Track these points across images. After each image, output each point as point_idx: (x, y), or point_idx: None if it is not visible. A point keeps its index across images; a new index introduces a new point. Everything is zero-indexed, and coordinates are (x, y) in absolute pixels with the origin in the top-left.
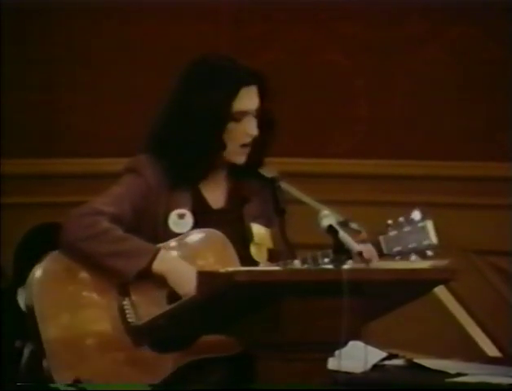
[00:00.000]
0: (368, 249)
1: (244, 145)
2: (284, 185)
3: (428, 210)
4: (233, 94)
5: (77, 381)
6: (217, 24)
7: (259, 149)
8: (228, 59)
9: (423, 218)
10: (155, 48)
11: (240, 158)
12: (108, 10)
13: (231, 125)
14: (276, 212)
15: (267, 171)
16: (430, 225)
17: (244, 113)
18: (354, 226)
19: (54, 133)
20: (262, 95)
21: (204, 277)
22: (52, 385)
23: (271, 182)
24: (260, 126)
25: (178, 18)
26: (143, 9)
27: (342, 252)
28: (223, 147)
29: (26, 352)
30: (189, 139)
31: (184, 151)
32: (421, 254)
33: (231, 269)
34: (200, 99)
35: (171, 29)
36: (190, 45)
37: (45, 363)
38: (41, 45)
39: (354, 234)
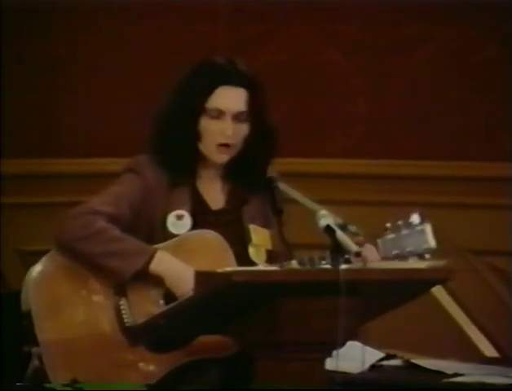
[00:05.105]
0: (370, 249)
1: (222, 145)
2: (281, 185)
3: (427, 210)
4: (208, 90)
5: (74, 381)
6: (215, 25)
7: (259, 155)
8: (227, 61)
9: (422, 222)
10: (154, 48)
11: (219, 157)
12: (108, 10)
13: (207, 121)
14: (274, 212)
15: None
16: (428, 228)
17: (220, 112)
18: (352, 228)
19: (54, 134)
20: (254, 100)
21: (201, 277)
22: (49, 385)
23: (269, 183)
24: (258, 135)
25: (176, 18)
26: (142, 9)
27: (339, 252)
28: (197, 136)
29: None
30: (169, 131)
31: (168, 144)
32: (419, 257)
33: (228, 269)
34: (179, 94)
35: (170, 30)
36: (189, 45)
37: (42, 363)
38: (41, 45)
39: (351, 236)
